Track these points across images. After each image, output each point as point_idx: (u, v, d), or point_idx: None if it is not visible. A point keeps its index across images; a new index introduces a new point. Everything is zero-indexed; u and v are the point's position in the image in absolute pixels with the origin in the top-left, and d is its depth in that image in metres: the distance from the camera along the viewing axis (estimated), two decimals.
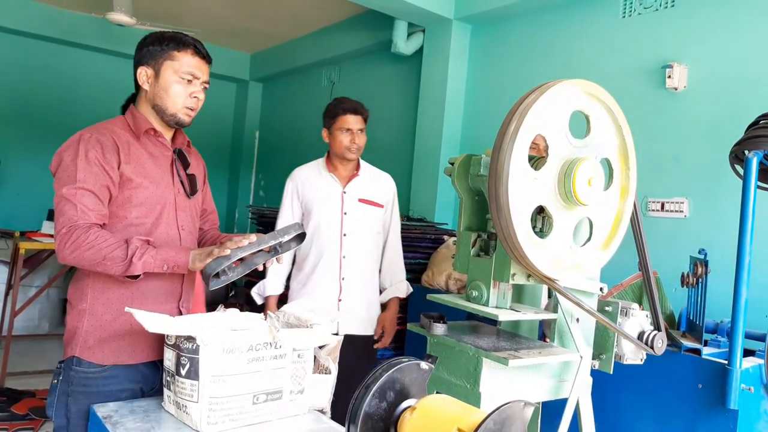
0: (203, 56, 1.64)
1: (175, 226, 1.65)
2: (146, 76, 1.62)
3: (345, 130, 2.51)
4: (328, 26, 5.89)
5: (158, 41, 1.61)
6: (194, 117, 1.68)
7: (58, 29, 6.00)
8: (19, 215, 5.90)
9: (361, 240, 2.54)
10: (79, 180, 1.47)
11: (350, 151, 2.51)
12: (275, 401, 1.38)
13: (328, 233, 2.50)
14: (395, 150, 5.18)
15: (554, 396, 1.39)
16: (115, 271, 1.44)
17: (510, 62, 4.21)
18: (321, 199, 2.52)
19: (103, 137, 1.53)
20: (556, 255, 1.27)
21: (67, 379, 1.52)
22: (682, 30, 3.18)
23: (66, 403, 1.51)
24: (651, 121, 3.23)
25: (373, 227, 2.59)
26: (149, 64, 1.61)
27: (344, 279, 2.49)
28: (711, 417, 1.98)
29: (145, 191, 1.57)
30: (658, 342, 1.44)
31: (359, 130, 2.53)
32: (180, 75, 1.60)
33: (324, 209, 2.51)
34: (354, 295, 2.51)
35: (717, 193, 2.94)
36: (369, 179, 2.63)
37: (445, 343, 1.35)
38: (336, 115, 2.53)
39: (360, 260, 2.53)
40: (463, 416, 0.85)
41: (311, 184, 2.56)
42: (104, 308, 1.54)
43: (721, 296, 2.21)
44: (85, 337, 1.52)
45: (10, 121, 6.05)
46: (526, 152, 1.18)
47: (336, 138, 2.52)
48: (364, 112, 2.58)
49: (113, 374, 1.53)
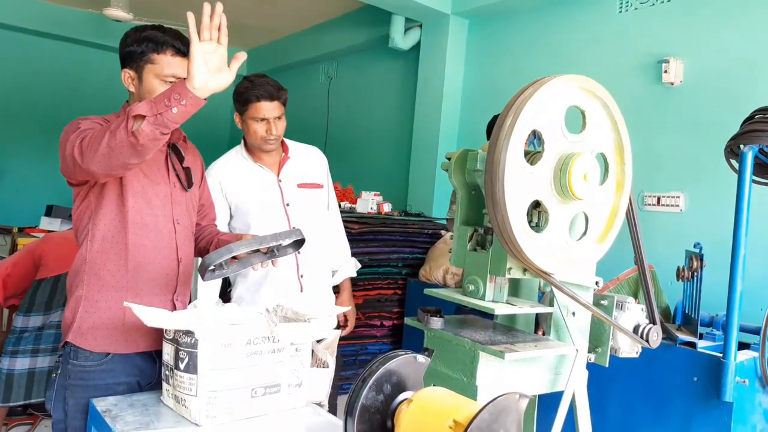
0: (184, 54, 1.55)
1: (171, 219, 1.64)
2: (130, 78, 1.59)
3: (259, 119, 2.12)
4: (325, 22, 5.88)
5: (137, 42, 1.56)
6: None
7: (55, 25, 5.99)
8: (17, 211, 5.89)
9: (312, 229, 2.13)
10: (82, 125, 1.46)
11: (267, 142, 2.15)
12: (273, 395, 1.39)
13: (275, 229, 2.11)
14: (392, 145, 5.19)
15: (550, 389, 1.40)
16: (122, 138, 1.29)
17: (507, 57, 4.21)
18: (255, 194, 2.18)
19: (101, 122, 1.53)
20: (552, 249, 1.28)
21: (65, 372, 1.52)
22: (679, 25, 3.19)
23: (64, 397, 1.51)
24: (647, 115, 3.24)
25: (319, 212, 2.31)
26: (131, 67, 1.58)
27: (303, 276, 2.23)
28: (706, 409, 2.00)
29: (138, 183, 1.57)
30: (653, 335, 1.45)
31: (276, 118, 2.14)
32: (162, 78, 1.55)
33: (262, 205, 2.18)
34: (315, 288, 2.27)
35: (712, 187, 2.95)
36: (300, 159, 2.29)
37: (442, 337, 1.36)
38: (248, 102, 2.12)
39: (315, 250, 2.23)
40: (459, 408, 0.86)
41: (239, 179, 2.19)
42: (99, 295, 1.54)
43: (717, 290, 2.23)
44: (79, 323, 1.53)
45: (8, 117, 6.04)
46: (522, 147, 1.19)
47: (250, 128, 2.14)
48: (281, 95, 2.16)
49: (110, 367, 1.53)
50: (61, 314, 2.53)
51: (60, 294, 2.56)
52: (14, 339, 2.50)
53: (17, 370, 2.49)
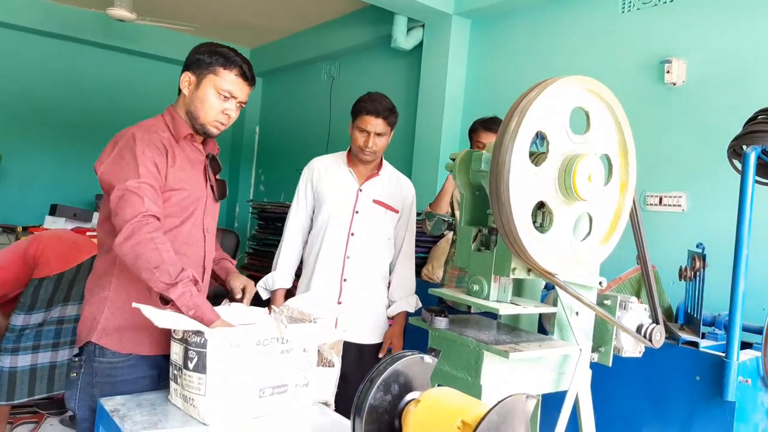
0: (246, 78, 1.68)
1: (201, 228, 1.70)
2: (188, 81, 1.67)
3: (362, 130, 2.36)
4: (327, 21, 5.89)
5: (210, 53, 1.65)
6: (223, 131, 1.73)
7: (58, 25, 6.00)
8: (21, 210, 5.91)
9: (370, 242, 2.39)
10: (142, 175, 1.50)
11: (363, 152, 2.37)
12: (281, 394, 1.41)
13: (336, 230, 2.37)
14: (395, 145, 5.18)
15: (554, 388, 1.41)
16: (156, 285, 1.41)
17: (509, 57, 4.22)
18: (334, 192, 2.41)
19: (154, 139, 1.58)
20: (556, 249, 1.29)
21: (90, 371, 1.55)
22: (681, 25, 3.19)
23: (92, 395, 1.53)
24: (649, 115, 3.24)
25: (383, 231, 2.45)
26: (194, 72, 1.66)
27: (346, 281, 2.36)
28: (708, 409, 2.01)
29: (182, 194, 1.63)
30: (656, 335, 1.46)
31: (377, 134, 2.36)
32: (219, 91, 1.64)
33: (335, 203, 2.39)
34: (355, 299, 2.37)
35: (715, 187, 2.96)
36: (389, 181, 2.49)
37: (446, 337, 1.37)
38: (358, 113, 2.40)
39: (365, 263, 2.38)
40: (467, 408, 0.87)
41: (327, 176, 2.44)
42: (126, 298, 1.56)
43: (719, 289, 2.24)
44: (105, 324, 1.55)
45: (12, 117, 6.05)
46: (527, 149, 1.20)
47: (353, 135, 2.40)
48: (387, 115, 2.38)
49: (137, 362, 1.58)
50: (61, 310, 2.55)
51: (61, 291, 2.57)
52: (14, 337, 2.49)
53: (19, 368, 2.49)
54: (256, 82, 8.12)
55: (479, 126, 2.76)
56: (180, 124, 1.67)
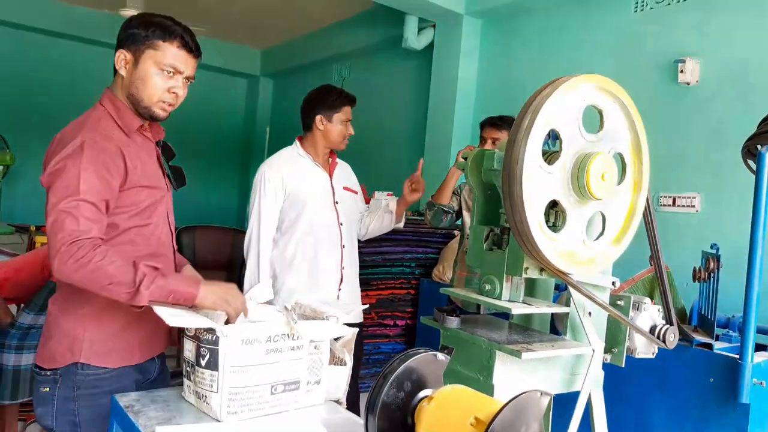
0: (190, 49, 1.49)
1: (167, 225, 1.58)
2: (124, 60, 1.49)
3: (346, 121, 2.50)
4: (338, 22, 5.90)
5: (144, 25, 1.46)
6: (171, 112, 1.53)
7: (71, 26, 6.06)
8: (34, 210, 5.96)
9: (352, 227, 2.59)
10: (82, 192, 1.33)
11: (344, 142, 2.53)
12: (293, 391, 1.41)
13: (328, 223, 2.48)
14: (405, 145, 5.20)
15: (566, 389, 1.41)
16: (120, 298, 1.31)
17: (520, 57, 4.21)
18: (313, 189, 2.47)
19: (106, 143, 1.41)
20: (569, 249, 1.28)
21: (69, 384, 1.44)
22: (695, 24, 3.17)
23: (73, 409, 1.44)
24: (663, 115, 3.22)
25: (357, 214, 2.65)
26: (129, 49, 1.48)
27: (344, 268, 2.51)
28: (722, 411, 1.99)
29: (147, 192, 1.49)
30: (670, 336, 1.45)
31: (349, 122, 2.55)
32: (161, 67, 1.46)
33: (318, 200, 2.47)
34: (349, 283, 2.54)
35: (729, 188, 2.93)
36: (342, 167, 2.66)
37: (458, 336, 1.36)
38: (342, 105, 2.50)
39: (353, 248, 2.59)
40: (480, 405, 0.87)
41: (299, 175, 2.46)
42: (112, 316, 1.46)
43: (733, 291, 2.22)
44: (90, 345, 1.44)
45: (26, 118, 6.11)
46: (540, 147, 1.19)
47: (336, 127, 2.49)
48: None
49: (124, 371, 1.50)
50: None
51: None
52: (19, 335, 2.50)
53: (23, 366, 2.51)
54: (265, 81, 8.09)
55: (487, 122, 2.80)
56: (126, 114, 1.49)
